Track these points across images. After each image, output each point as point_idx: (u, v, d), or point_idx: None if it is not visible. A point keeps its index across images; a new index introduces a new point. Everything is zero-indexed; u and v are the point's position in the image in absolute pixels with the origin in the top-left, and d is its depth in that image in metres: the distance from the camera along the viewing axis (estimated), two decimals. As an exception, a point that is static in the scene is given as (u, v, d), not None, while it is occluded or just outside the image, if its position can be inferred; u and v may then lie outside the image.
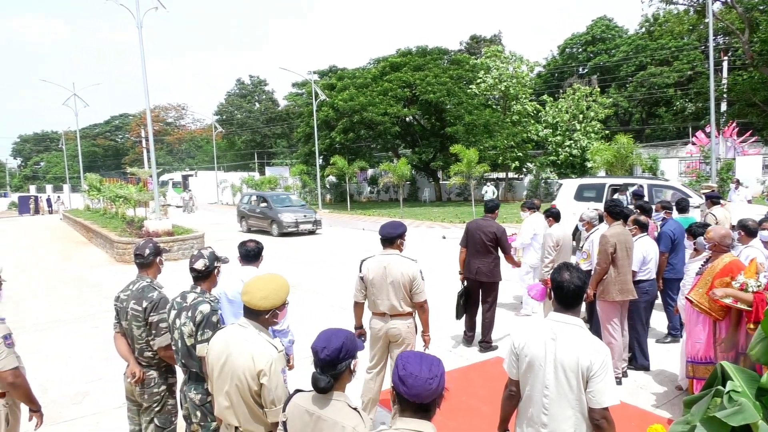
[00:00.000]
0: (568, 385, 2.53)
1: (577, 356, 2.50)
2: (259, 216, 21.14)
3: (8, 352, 3.02)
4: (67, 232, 26.09)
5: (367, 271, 4.29)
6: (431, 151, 35.34)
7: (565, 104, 33.77)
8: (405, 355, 2.02)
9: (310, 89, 34.74)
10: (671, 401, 5.02)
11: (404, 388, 1.90)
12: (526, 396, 2.70)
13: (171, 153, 74.00)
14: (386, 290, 4.22)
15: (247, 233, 20.77)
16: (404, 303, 4.24)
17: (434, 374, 1.91)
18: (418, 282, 4.20)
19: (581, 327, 2.63)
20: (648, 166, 24.97)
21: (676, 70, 39.58)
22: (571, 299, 2.64)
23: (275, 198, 21.91)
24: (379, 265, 4.26)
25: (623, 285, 5.42)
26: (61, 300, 10.35)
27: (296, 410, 2.23)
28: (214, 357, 2.65)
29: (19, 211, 44.11)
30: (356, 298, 4.45)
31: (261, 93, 69.90)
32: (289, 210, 20.63)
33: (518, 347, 2.70)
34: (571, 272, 2.65)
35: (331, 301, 9.41)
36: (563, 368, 2.53)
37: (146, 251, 3.57)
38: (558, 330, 2.60)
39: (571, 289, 2.61)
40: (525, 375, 2.68)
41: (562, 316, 2.65)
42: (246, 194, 24.77)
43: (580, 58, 49.15)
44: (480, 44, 52.02)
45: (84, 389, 5.77)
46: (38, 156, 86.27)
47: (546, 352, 2.58)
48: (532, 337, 2.67)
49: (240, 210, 22.84)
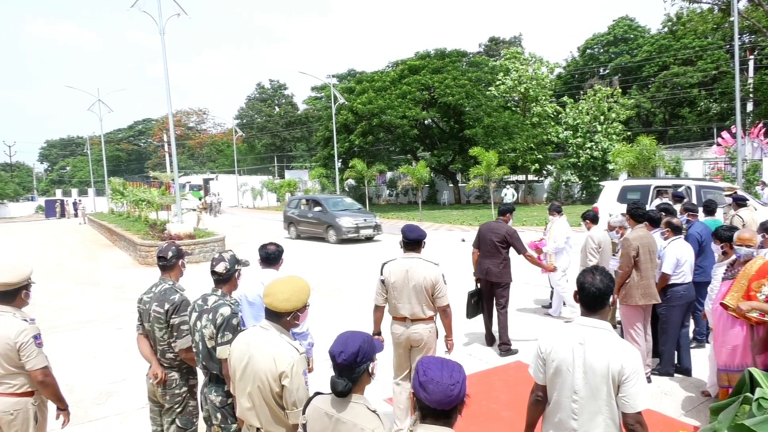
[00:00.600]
0: (599, 390, 2.49)
1: (607, 361, 2.47)
2: (312, 221, 19.23)
3: (38, 351, 3.13)
4: (92, 234, 26.59)
5: (389, 274, 4.23)
6: (450, 153, 35.25)
7: (585, 105, 33.38)
8: (426, 360, 1.99)
9: (329, 93, 34.93)
10: (696, 408, 4.91)
11: (425, 394, 1.87)
12: (553, 401, 2.66)
13: (192, 157, 74.98)
14: (408, 294, 4.16)
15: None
16: (426, 307, 4.17)
17: (456, 380, 1.88)
18: (441, 286, 4.13)
19: (609, 331, 2.59)
20: (671, 167, 24.55)
21: (700, 70, 38.87)
22: (594, 302, 2.60)
23: (330, 201, 19.75)
24: (401, 268, 4.19)
25: (646, 289, 5.33)
26: (87, 302, 10.55)
27: (316, 413, 2.23)
28: (237, 359, 2.67)
29: (45, 214, 45.16)
30: (376, 302, 4.38)
31: (281, 97, 70.52)
32: (347, 214, 18.63)
33: (545, 352, 2.66)
34: (595, 275, 2.62)
35: (351, 304, 9.42)
36: (593, 373, 2.50)
37: (168, 254, 3.61)
38: (586, 334, 2.57)
39: (593, 291, 2.58)
40: (552, 380, 2.64)
41: (588, 320, 2.62)
42: (294, 198, 22.86)
43: (602, 59, 48.57)
44: (499, 46, 51.79)
45: (108, 389, 5.86)
46: (64, 160, 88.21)
47: (574, 356, 2.55)
48: (559, 341, 2.63)
49: (287, 216, 20.79)
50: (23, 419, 3.16)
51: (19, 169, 77.28)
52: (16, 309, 3.22)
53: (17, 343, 3.06)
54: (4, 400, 3.13)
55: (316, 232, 19.05)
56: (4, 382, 3.13)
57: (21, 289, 3.23)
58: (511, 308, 8.58)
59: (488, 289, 6.72)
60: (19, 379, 3.14)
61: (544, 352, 2.67)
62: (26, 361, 3.09)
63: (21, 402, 3.16)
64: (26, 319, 3.21)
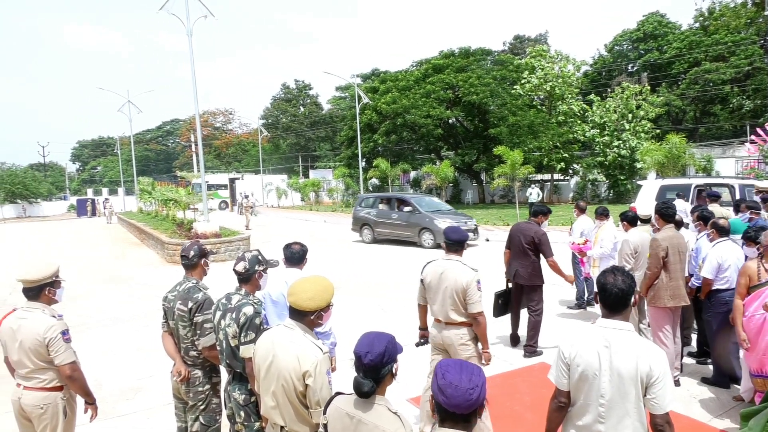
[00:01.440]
0: (627, 393, 2.46)
1: (635, 363, 2.43)
2: (399, 224, 17.04)
3: (66, 347, 3.22)
4: (122, 233, 27.17)
5: (426, 274, 4.24)
6: (474, 152, 35.02)
7: (613, 103, 32.78)
8: (444, 363, 1.97)
9: (354, 92, 35.03)
10: (727, 412, 4.78)
11: (443, 398, 1.86)
12: (578, 406, 2.63)
13: (219, 157, 75.99)
14: (441, 296, 4.10)
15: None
16: (456, 312, 4.04)
17: (475, 384, 1.86)
18: (473, 292, 3.96)
19: (633, 332, 2.55)
20: (702, 166, 23.98)
21: (732, 66, 37.82)
22: (617, 303, 2.56)
23: (420, 201, 17.56)
24: (437, 269, 4.16)
25: (675, 290, 5.21)
26: (116, 299, 10.78)
27: (337, 413, 2.24)
28: (261, 357, 2.69)
29: (77, 213, 46.30)
30: (418, 301, 4.42)
31: (305, 97, 70.98)
32: (443, 215, 16.54)
33: (569, 357, 2.61)
34: (616, 275, 2.57)
35: (375, 303, 9.43)
36: (620, 376, 2.46)
37: (191, 253, 3.66)
38: (610, 337, 2.52)
39: (614, 292, 2.53)
40: (578, 385, 2.60)
41: (611, 322, 2.57)
42: (366, 197, 19.90)
43: (630, 56, 47.66)
44: (524, 44, 51.28)
45: (136, 385, 5.98)
46: (95, 161, 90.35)
47: (600, 360, 2.50)
48: (583, 346, 2.58)
49: (360, 217, 18.37)
50: (53, 413, 3.25)
51: (53, 169, 79.38)
52: (44, 305, 3.30)
53: (46, 339, 3.15)
54: (34, 394, 3.22)
55: (403, 235, 16.94)
56: (34, 377, 3.22)
57: (45, 286, 3.30)
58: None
59: (518, 291, 6.65)
60: (48, 374, 3.23)
61: (567, 357, 2.62)
62: (55, 356, 3.17)
63: (51, 396, 3.25)
64: (54, 315, 3.29)
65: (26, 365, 3.20)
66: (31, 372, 3.21)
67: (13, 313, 3.30)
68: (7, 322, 3.27)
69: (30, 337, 3.15)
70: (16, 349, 3.20)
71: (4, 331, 3.26)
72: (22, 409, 3.27)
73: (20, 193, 46.41)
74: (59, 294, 3.41)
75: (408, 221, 16.79)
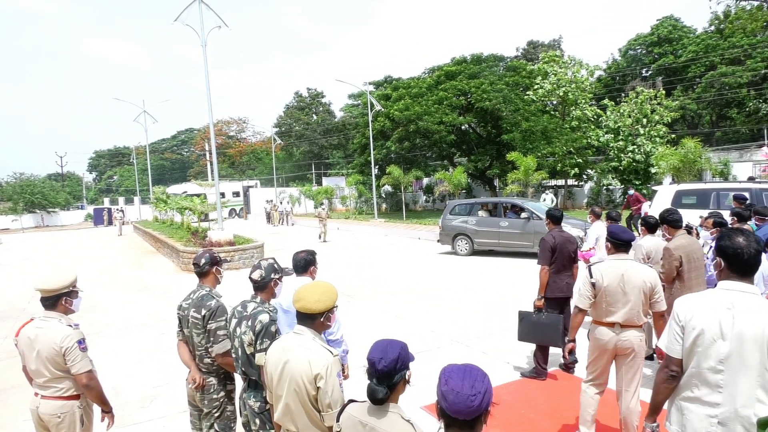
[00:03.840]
0: (750, 359, 2.27)
1: (762, 326, 2.26)
2: (511, 232, 15.10)
3: (83, 356, 3.25)
4: (137, 242, 27.47)
5: (600, 277, 4.01)
6: (487, 159, 34.93)
7: (627, 108, 32.50)
8: (448, 368, 1.95)
9: (366, 100, 35.14)
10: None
11: (446, 403, 1.84)
12: (689, 374, 2.44)
13: (233, 165, 76.59)
14: (624, 299, 3.95)
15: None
16: (642, 313, 3.98)
17: (477, 391, 1.83)
18: (659, 289, 3.97)
19: (760, 295, 2.39)
20: (719, 170, 23.67)
21: (749, 69, 37.37)
22: (749, 266, 2.41)
23: (536, 206, 15.60)
24: (615, 271, 3.99)
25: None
26: (133, 307, 10.89)
27: (350, 421, 2.24)
28: (272, 364, 2.70)
29: (94, 222, 46.95)
30: (582, 305, 4.10)
31: (318, 105, 71.38)
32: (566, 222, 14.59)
33: (684, 320, 2.43)
34: (748, 238, 2.44)
35: (386, 309, 9.43)
36: (743, 339, 2.28)
37: (202, 261, 3.70)
38: (735, 299, 2.35)
39: (752, 254, 2.39)
40: (691, 350, 2.41)
41: (737, 284, 2.40)
42: (458, 203, 17.27)
43: (645, 60, 47.30)
44: (537, 50, 51.10)
45: (152, 393, 6.02)
46: (112, 170, 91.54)
47: (721, 323, 2.33)
48: (702, 307, 2.41)
49: (453, 226, 16.54)
50: (70, 422, 3.29)
51: (70, 179, 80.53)
52: (61, 315, 3.33)
53: (62, 348, 3.19)
54: (51, 403, 3.26)
55: (517, 246, 15.01)
56: (51, 386, 3.26)
57: (62, 295, 3.32)
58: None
59: (558, 310, 5.88)
60: (65, 383, 3.27)
61: (683, 320, 2.44)
62: (71, 365, 3.21)
63: (67, 405, 3.29)
64: (71, 324, 3.32)
65: (43, 374, 3.24)
66: (49, 381, 3.25)
67: (31, 322, 3.33)
68: (24, 331, 3.30)
69: (47, 347, 3.19)
70: (34, 359, 3.23)
71: (22, 341, 3.29)
72: (40, 419, 3.30)
73: (39, 202, 47.19)
74: (76, 304, 3.44)
75: (524, 229, 14.75)
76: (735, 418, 2.32)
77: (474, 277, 12.43)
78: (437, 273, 13.28)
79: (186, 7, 16.63)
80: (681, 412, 2.50)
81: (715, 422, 2.37)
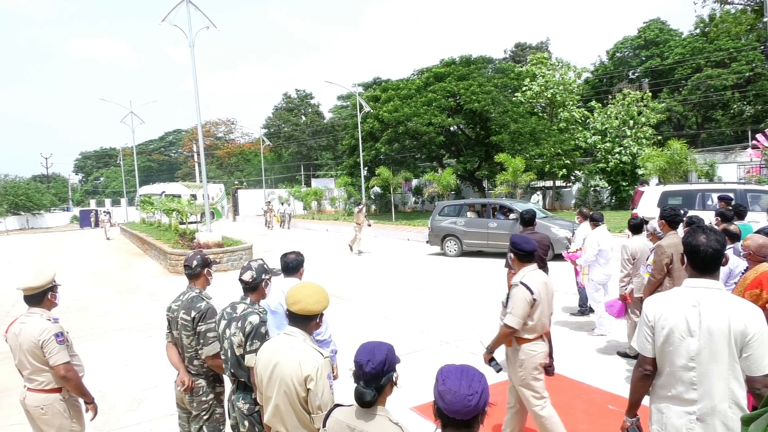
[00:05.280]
0: (719, 354, 2.31)
1: (727, 321, 2.29)
2: (500, 233, 14.96)
3: (59, 348, 3.39)
4: (124, 244, 27.22)
5: (537, 292, 3.79)
6: (476, 160, 35.07)
7: (614, 110, 32.84)
8: (446, 368, 1.96)
9: (355, 101, 35.14)
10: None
11: (443, 403, 1.85)
12: (665, 373, 2.47)
13: (221, 166, 76.18)
14: (549, 307, 3.95)
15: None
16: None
17: (474, 390, 1.84)
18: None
19: (724, 291, 2.44)
20: (704, 171, 23.95)
21: (734, 72, 37.89)
22: (708, 264, 2.46)
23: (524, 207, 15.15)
24: (541, 282, 3.88)
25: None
26: (120, 309, 10.78)
27: (337, 425, 2.23)
28: (262, 366, 2.69)
29: (80, 224, 46.45)
30: (517, 325, 3.77)
31: (307, 106, 71.20)
32: (553, 222, 15.02)
33: (653, 319, 2.47)
34: (708, 235, 2.49)
35: (375, 310, 9.43)
36: (711, 335, 2.31)
37: (193, 263, 3.69)
38: (700, 296, 2.39)
39: (709, 253, 2.44)
40: (663, 349, 2.44)
41: (700, 281, 2.45)
42: (447, 204, 17.44)
43: (632, 63, 47.76)
44: (525, 52, 51.42)
45: (140, 396, 5.97)
46: (98, 171, 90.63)
47: (688, 320, 2.37)
48: (669, 306, 2.45)
49: (442, 227, 16.59)
50: (53, 413, 3.43)
51: (55, 180, 79.67)
52: (44, 310, 3.50)
53: (40, 341, 3.35)
54: (35, 395, 3.43)
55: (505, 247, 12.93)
56: (33, 379, 3.43)
57: (47, 291, 3.51)
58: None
59: None
60: (44, 375, 3.42)
61: (652, 320, 2.48)
62: (49, 357, 3.36)
63: (50, 398, 3.43)
64: (50, 318, 3.48)
65: (26, 367, 3.41)
66: (31, 373, 3.42)
67: (17, 319, 3.51)
68: (12, 328, 3.50)
69: (27, 340, 3.36)
70: (18, 352, 3.43)
71: (10, 337, 3.48)
72: (27, 410, 3.48)
73: (23, 204, 46.63)
74: (57, 297, 3.64)
75: (512, 230, 14.28)
76: (713, 414, 2.36)
77: (463, 278, 12.47)
78: (426, 274, 13.31)
79: (174, 7, 16.52)
80: (661, 411, 2.53)
81: (693, 419, 2.40)
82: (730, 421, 2.33)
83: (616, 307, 6.24)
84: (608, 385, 5.51)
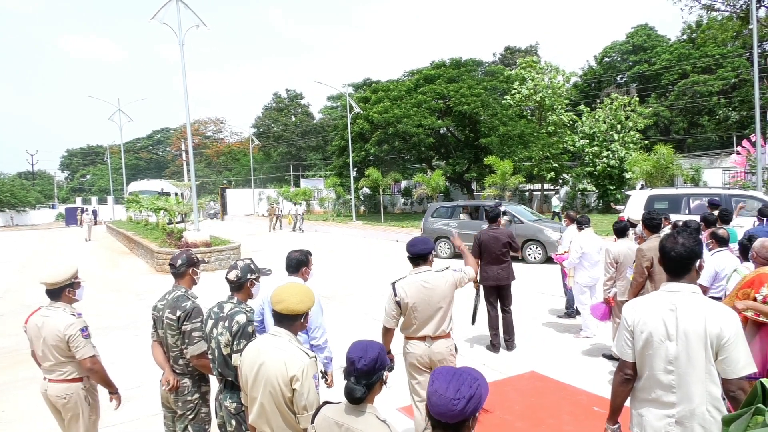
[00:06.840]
0: (696, 358, 2.34)
1: (703, 324, 2.32)
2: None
3: (85, 342, 3.51)
4: (111, 242, 26.96)
5: (404, 294, 3.87)
6: (465, 162, 35.18)
7: (602, 114, 33.12)
8: (438, 370, 1.93)
9: (345, 102, 35.11)
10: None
11: (430, 405, 1.83)
12: (645, 377, 2.50)
13: (209, 165, 75.75)
14: (431, 311, 3.91)
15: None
16: (449, 321, 3.98)
17: (462, 395, 1.77)
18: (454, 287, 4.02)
19: (701, 294, 2.47)
20: (690, 176, 24.24)
21: (719, 78, 38.41)
22: (679, 267, 2.49)
23: (516, 210, 15.82)
24: (421, 286, 3.88)
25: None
26: (106, 308, 10.67)
27: (325, 422, 2.24)
28: (248, 366, 2.68)
29: (66, 222, 45.91)
30: (389, 325, 3.99)
31: (297, 106, 71.05)
32: (545, 224, 15.08)
33: (632, 324, 2.49)
34: (676, 238, 2.51)
35: (364, 310, 9.43)
36: (687, 338, 2.34)
37: (178, 262, 3.68)
38: (676, 300, 2.42)
39: (672, 256, 2.48)
40: (643, 353, 2.47)
41: (676, 285, 2.48)
42: (439, 206, 17.52)
43: (620, 68, 48.23)
44: (515, 55, 51.70)
45: (125, 395, 5.86)
46: (85, 169, 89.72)
47: (666, 324, 2.40)
48: (647, 311, 2.48)
49: (435, 229, 16.55)
50: (75, 402, 3.56)
51: (41, 177, 78.79)
52: (65, 305, 3.57)
53: (66, 336, 3.43)
54: (57, 386, 3.54)
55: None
56: (56, 370, 3.53)
57: (65, 287, 3.57)
58: (527, 317, 8.58)
59: (495, 294, 7.10)
60: (68, 366, 3.53)
61: (631, 324, 2.50)
62: (75, 351, 3.46)
63: (72, 387, 3.55)
64: (74, 313, 3.55)
65: (49, 359, 3.49)
66: (54, 365, 3.51)
67: (38, 311, 3.57)
68: (33, 319, 3.55)
69: (51, 334, 3.43)
70: (41, 345, 3.48)
71: (30, 328, 3.54)
72: (49, 400, 3.56)
73: (8, 201, 45.99)
74: (79, 293, 3.70)
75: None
76: (692, 417, 2.39)
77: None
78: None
79: (163, 5, 16.42)
80: (641, 414, 2.56)
81: (672, 422, 2.43)
82: (708, 423, 2.36)
83: (600, 310, 6.31)
84: (594, 387, 5.56)
